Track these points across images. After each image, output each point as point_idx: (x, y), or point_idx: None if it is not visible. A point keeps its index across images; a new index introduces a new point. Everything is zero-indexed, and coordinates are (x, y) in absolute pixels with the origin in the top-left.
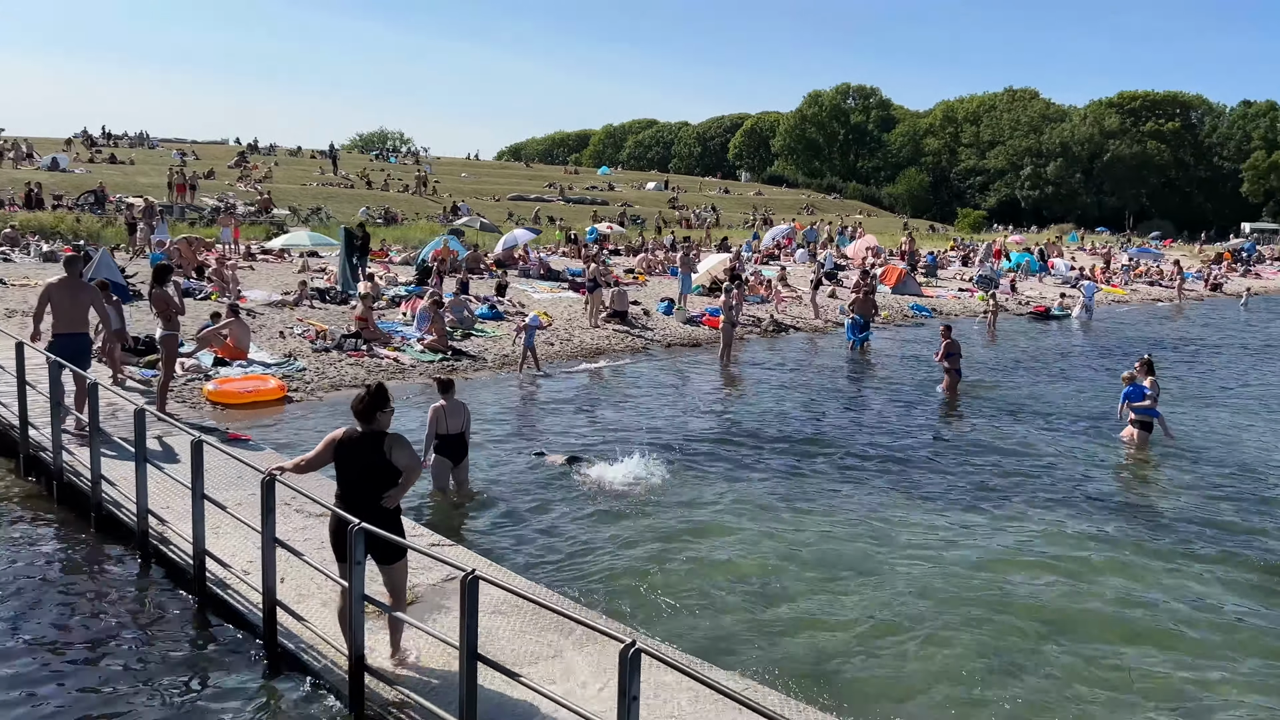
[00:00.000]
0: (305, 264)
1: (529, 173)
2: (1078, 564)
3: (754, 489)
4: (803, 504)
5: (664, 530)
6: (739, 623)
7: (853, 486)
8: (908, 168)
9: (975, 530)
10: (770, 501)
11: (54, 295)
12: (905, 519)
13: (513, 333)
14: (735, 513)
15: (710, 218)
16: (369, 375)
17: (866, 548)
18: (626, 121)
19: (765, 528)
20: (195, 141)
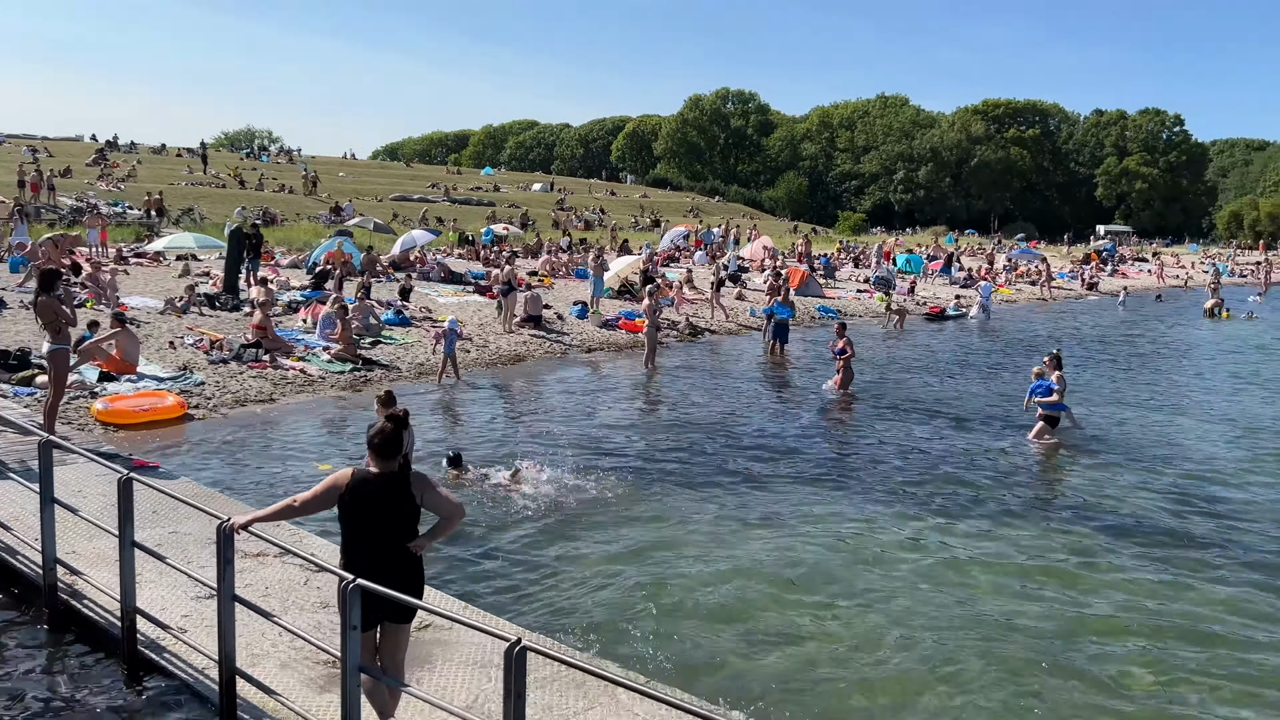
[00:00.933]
0: (186, 267)
1: (410, 173)
2: (1004, 564)
3: (691, 499)
4: (743, 512)
5: (626, 550)
6: (707, 644)
7: (790, 492)
8: (786, 171)
9: (921, 534)
10: (710, 511)
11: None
12: (841, 525)
13: (429, 340)
14: (679, 524)
15: (600, 219)
16: (275, 389)
17: (823, 557)
18: (507, 122)
19: (711, 538)
20: (46, 138)
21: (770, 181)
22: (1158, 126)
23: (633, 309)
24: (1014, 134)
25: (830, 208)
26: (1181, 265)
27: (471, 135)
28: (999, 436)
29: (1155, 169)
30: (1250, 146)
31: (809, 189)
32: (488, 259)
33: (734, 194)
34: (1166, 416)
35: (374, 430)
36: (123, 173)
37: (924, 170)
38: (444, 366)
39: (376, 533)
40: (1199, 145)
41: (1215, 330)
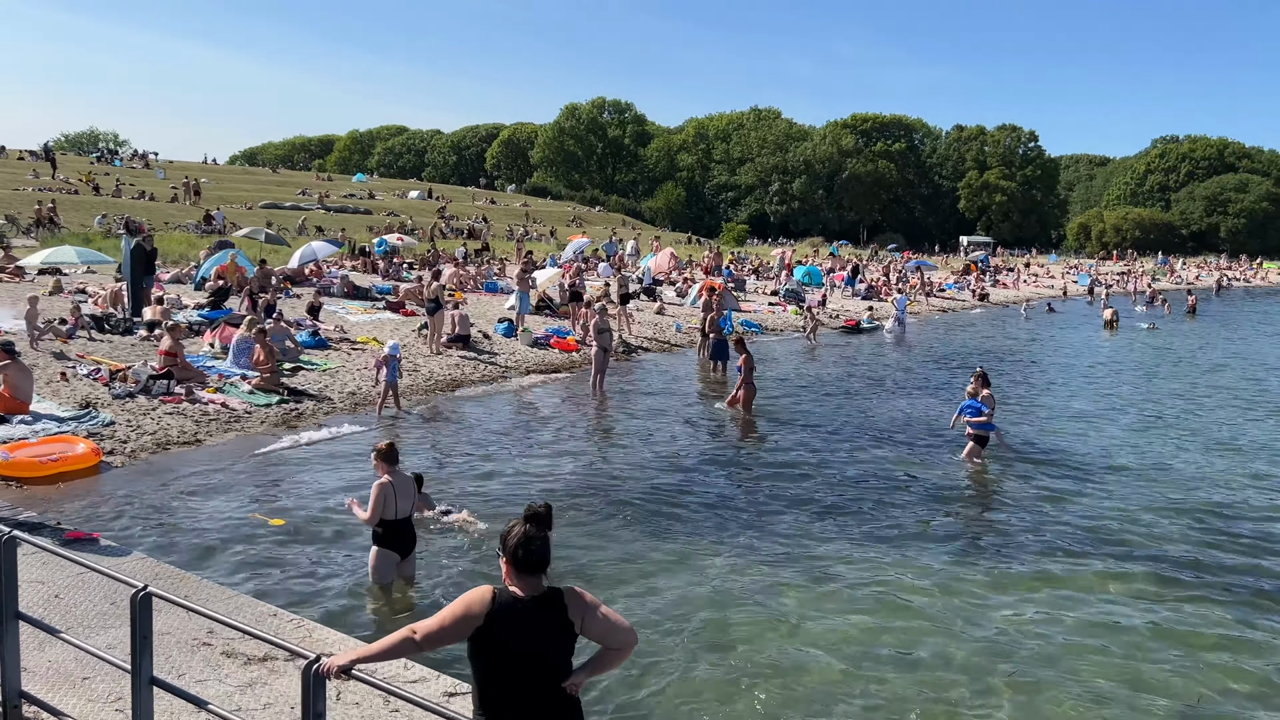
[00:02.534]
0: (58, 283)
1: (277, 179)
2: (943, 594)
3: (666, 536)
4: (722, 550)
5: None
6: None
7: (782, 525)
8: (664, 182)
9: (860, 567)
10: (686, 549)
11: None
12: (807, 561)
13: (371, 366)
14: (662, 566)
15: (486, 229)
16: (199, 427)
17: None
18: (374, 128)
19: (692, 578)
20: None
21: (648, 191)
22: (1014, 142)
23: (559, 326)
24: (881, 148)
25: (707, 218)
26: (1051, 275)
27: (337, 140)
28: (930, 457)
29: (1013, 182)
30: (1093, 162)
31: (687, 199)
32: (386, 271)
33: (614, 204)
34: (1111, 431)
35: (514, 538)
36: None
37: (798, 182)
38: (385, 396)
39: (527, 673)
40: (1052, 160)
41: (1124, 340)
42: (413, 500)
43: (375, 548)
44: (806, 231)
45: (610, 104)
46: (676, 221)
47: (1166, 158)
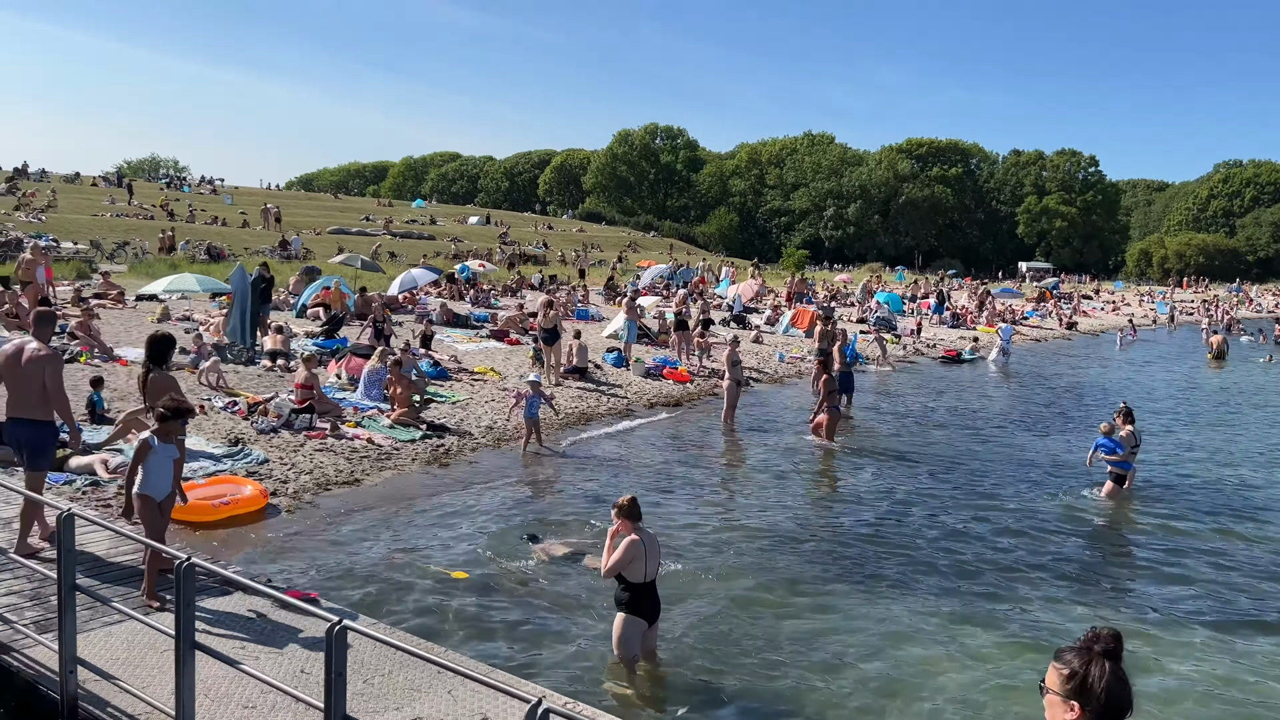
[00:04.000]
0: (165, 310)
1: (339, 204)
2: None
3: (839, 581)
4: (898, 596)
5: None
6: None
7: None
8: (717, 207)
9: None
10: (861, 595)
11: (2, 366)
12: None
13: (509, 400)
14: (839, 612)
15: (545, 253)
16: (352, 465)
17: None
18: (428, 154)
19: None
20: None
21: (701, 217)
22: (1074, 167)
23: (667, 356)
24: (937, 172)
25: (759, 243)
26: (1126, 303)
27: (391, 167)
28: (1069, 495)
29: (1073, 208)
30: (1151, 187)
31: (740, 224)
32: (476, 299)
33: (667, 229)
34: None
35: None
36: (41, 202)
37: (853, 207)
38: (529, 433)
39: None
40: (1113, 185)
41: (1241, 373)
42: (659, 557)
43: (622, 615)
44: (862, 256)
45: (662, 130)
46: (729, 246)
47: (1230, 182)
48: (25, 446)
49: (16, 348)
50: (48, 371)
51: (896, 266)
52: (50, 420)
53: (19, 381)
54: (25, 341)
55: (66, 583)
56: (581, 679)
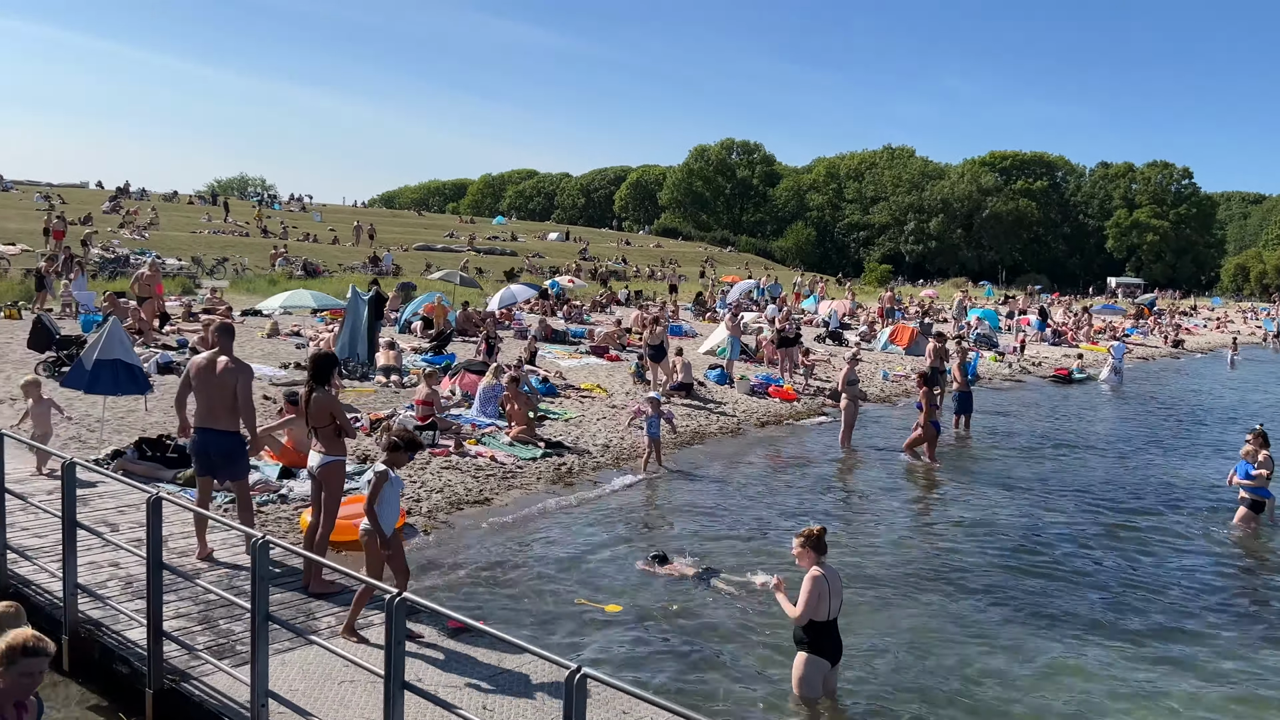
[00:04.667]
0: (275, 326)
1: (423, 221)
2: None
3: (975, 614)
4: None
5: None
6: None
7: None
8: (794, 222)
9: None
10: (1010, 632)
11: (194, 377)
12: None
13: (628, 417)
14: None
15: (623, 269)
16: (479, 483)
17: None
18: (506, 171)
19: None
20: (52, 184)
21: (777, 231)
22: (1166, 179)
23: (769, 373)
24: (1022, 185)
25: (837, 258)
26: (1230, 319)
27: (470, 184)
28: (1213, 525)
29: (1165, 221)
30: (1246, 200)
31: (816, 239)
32: (570, 314)
33: (744, 244)
34: None
35: None
36: (144, 220)
37: (935, 221)
38: (649, 451)
39: None
40: (1208, 198)
41: None
42: (841, 597)
43: (804, 654)
44: (943, 271)
45: (739, 145)
46: (807, 261)
47: None
48: (216, 456)
49: (208, 359)
50: (240, 382)
51: (980, 281)
52: (238, 430)
53: (212, 392)
54: (214, 353)
55: (260, 612)
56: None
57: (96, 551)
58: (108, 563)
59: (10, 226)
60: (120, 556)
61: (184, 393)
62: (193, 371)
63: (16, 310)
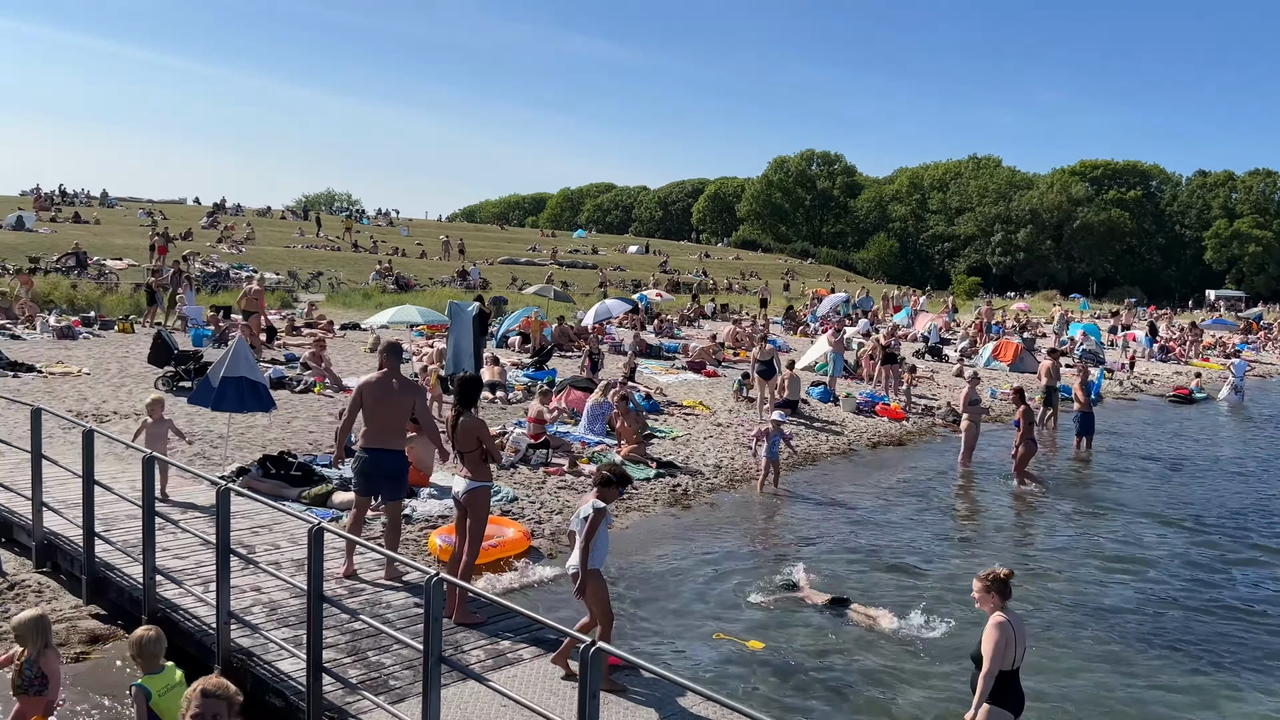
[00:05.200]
0: (378, 340)
1: (505, 235)
2: None
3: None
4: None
5: None
6: None
7: None
8: (876, 233)
9: None
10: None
11: (368, 397)
12: None
13: (753, 440)
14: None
15: (703, 281)
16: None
17: None
18: (584, 185)
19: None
20: (153, 200)
21: (858, 243)
22: (1269, 188)
23: (872, 390)
24: (1114, 195)
25: (920, 269)
26: None
27: (549, 198)
28: None
29: (1269, 231)
30: None
31: (899, 250)
32: (660, 328)
33: (824, 255)
34: None
35: None
36: (240, 235)
37: (1023, 232)
38: (766, 472)
39: None
40: None
41: None
42: (1025, 644)
43: (988, 707)
44: (1032, 284)
45: (819, 156)
46: (889, 273)
47: None
48: (383, 476)
49: (380, 379)
50: (417, 403)
51: (1071, 294)
52: (404, 450)
53: (387, 412)
54: (385, 374)
55: (434, 653)
56: None
57: (237, 574)
58: (249, 587)
59: (117, 242)
60: (262, 581)
61: (354, 415)
62: (365, 392)
63: (129, 324)
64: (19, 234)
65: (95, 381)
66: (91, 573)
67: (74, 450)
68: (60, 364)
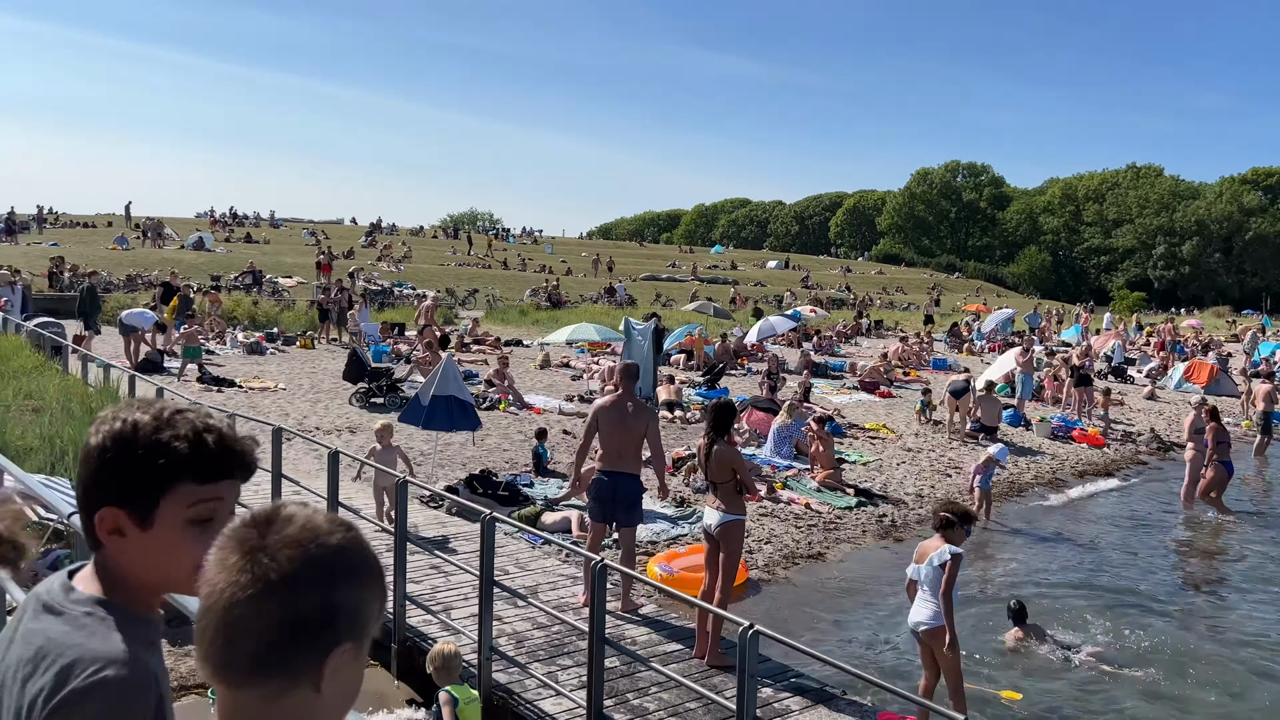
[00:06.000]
0: (547, 357)
1: (645, 251)
2: None
3: None
4: None
5: None
6: None
7: None
8: (1026, 246)
9: None
10: None
11: (603, 420)
12: None
13: (973, 476)
14: None
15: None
16: (805, 535)
17: None
18: (719, 201)
19: None
20: (314, 221)
21: (1007, 257)
22: None
23: (1064, 414)
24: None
25: (1074, 284)
26: None
27: (683, 214)
28: None
29: None
30: None
31: (1051, 264)
32: (820, 345)
33: (972, 269)
34: None
35: None
36: (399, 253)
37: (1188, 245)
38: (981, 503)
39: None
40: None
41: None
42: None
43: None
44: (1198, 299)
45: (964, 167)
46: (1041, 287)
47: None
48: (620, 501)
49: (614, 401)
50: (650, 425)
51: (1245, 310)
52: (640, 474)
53: (623, 435)
54: (619, 396)
55: (749, 715)
56: None
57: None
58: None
59: (286, 260)
60: (501, 609)
61: (590, 439)
62: (600, 415)
63: (310, 340)
64: (200, 254)
65: (292, 396)
66: None
67: (291, 467)
68: (257, 379)
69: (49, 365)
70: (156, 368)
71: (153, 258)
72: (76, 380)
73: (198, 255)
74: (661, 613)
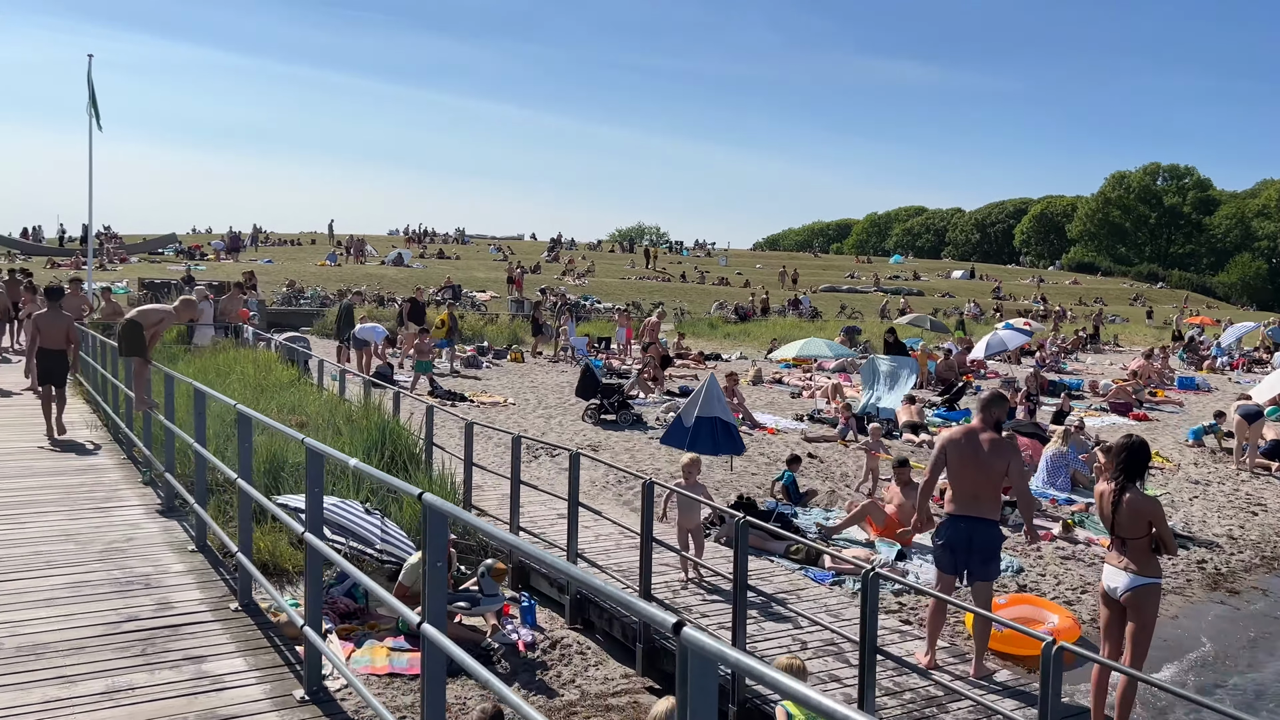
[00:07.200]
0: (759, 373)
1: (820, 262)
2: None
3: None
4: None
5: None
6: None
7: None
8: (1237, 253)
9: None
10: None
11: (953, 455)
12: None
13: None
14: None
15: (1044, 309)
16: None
17: None
18: (892, 209)
19: None
20: (497, 237)
21: (1215, 265)
22: None
23: None
24: None
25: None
26: None
27: (854, 224)
28: None
29: None
30: None
31: (1268, 272)
32: (1044, 361)
33: (1177, 279)
34: None
35: None
36: (582, 268)
37: None
38: None
39: None
40: None
41: None
42: None
43: None
44: None
45: (1165, 169)
46: (1256, 298)
47: None
48: (979, 551)
49: (967, 434)
50: (1012, 463)
51: None
52: (998, 519)
53: (977, 473)
54: (970, 428)
55: None
56: None
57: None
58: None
59: (478, 275)
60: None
61: (936, 475)
62: (950, 449)
63: (519, 354)
64: (399, 269)
65: (525, 412)
66: (648, 642)
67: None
68: (484, 393)
69: (304, 380)
70: (388, 379)
71: (358, 273)
72: (332, 394)
73: (398, 270)
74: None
